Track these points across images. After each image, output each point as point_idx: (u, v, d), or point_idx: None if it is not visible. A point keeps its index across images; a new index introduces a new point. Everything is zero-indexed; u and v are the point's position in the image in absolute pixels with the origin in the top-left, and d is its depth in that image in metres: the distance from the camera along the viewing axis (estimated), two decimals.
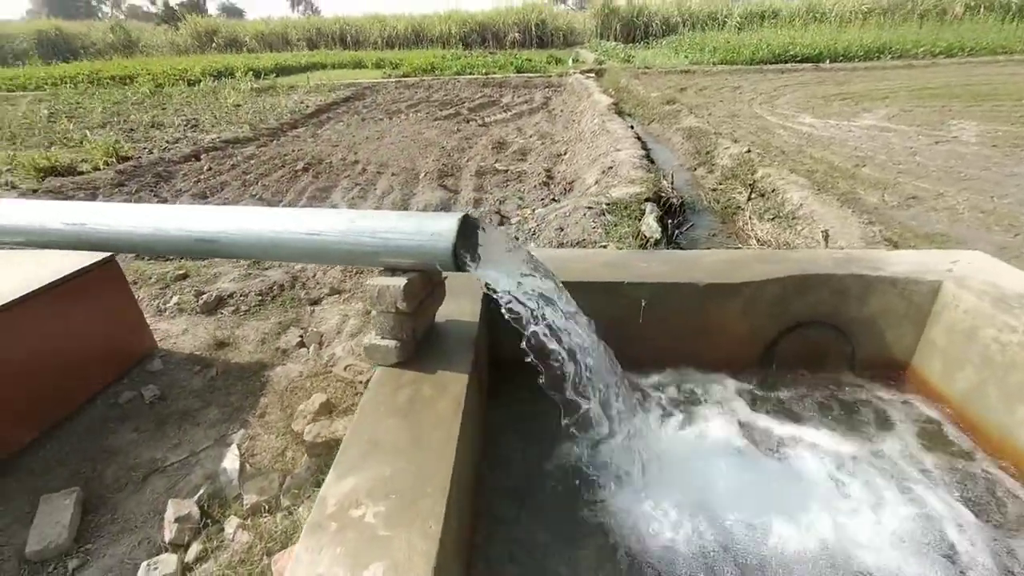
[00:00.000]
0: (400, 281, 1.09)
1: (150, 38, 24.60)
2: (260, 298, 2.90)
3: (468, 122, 8.25)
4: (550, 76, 12.63)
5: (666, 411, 1.63)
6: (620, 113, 7.34)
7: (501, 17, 22.43)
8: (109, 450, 1.90)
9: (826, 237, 2.71)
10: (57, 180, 5.18)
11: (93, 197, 4.84)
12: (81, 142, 6.79)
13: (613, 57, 15.37)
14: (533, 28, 22.17)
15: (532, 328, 1.11)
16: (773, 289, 1.65)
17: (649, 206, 3.38)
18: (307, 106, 9.74)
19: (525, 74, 13.19)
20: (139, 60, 18.84)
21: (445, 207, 4.58)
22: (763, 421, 1.63)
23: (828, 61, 12.98)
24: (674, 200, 3.65)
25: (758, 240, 3.23)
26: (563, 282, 1.47)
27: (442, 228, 1.05)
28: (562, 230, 3.32)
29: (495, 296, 1.11)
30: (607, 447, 1.37)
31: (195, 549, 1.50)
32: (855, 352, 1.73)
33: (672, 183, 4.09)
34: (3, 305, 1.75)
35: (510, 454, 1.55)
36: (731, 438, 1.55)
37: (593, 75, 11.46)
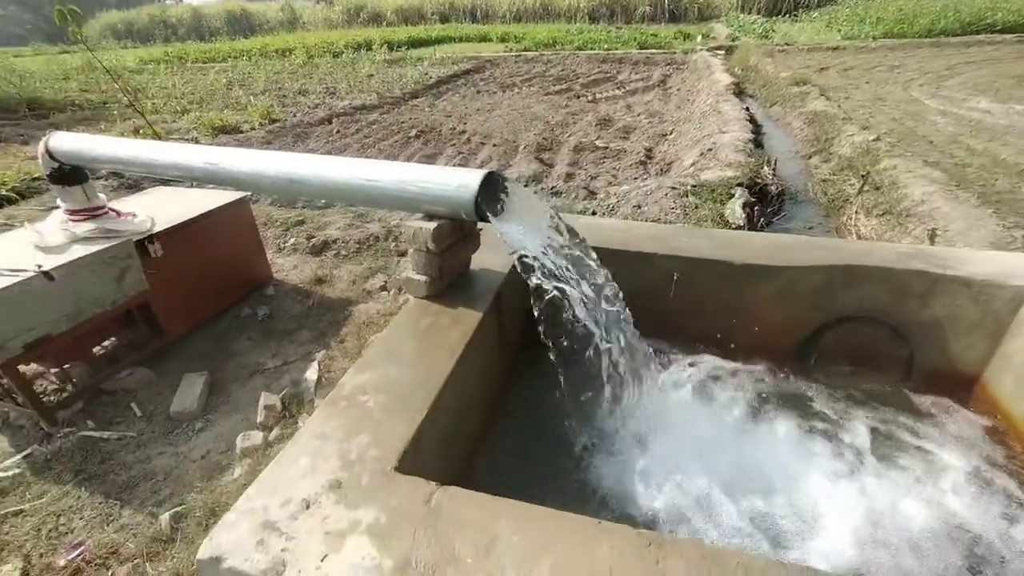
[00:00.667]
0: (431, 225, 1.29)
1: (309, 15, 27.53)
2: (358, 246, 3.33)
3: (578, 98, 8.21)
4: (674, 53, 11.95)
5: (679, 384, 1.65)
6: (741, 94, 6.80)
7: None
8: (230, 351, 2.40)
9: (933, 236, 2.39)
10: (224, 136, 6.25)
11: None
12: (246, 106, 8.01)
13: (750, 32, 14.01)
14: (666, 1, 20.85)
15: (535, 280, 1.23)
16: (815, 277, 1.56)
17: (739, 191, 3.21)
18: (430, 77, 10.36)
19: (648, 50, 12.62)
20: (298, 35, 21.27)
21: (537, 179, 4.73)
22: (784, 412, 1.58)
23: None
24: (771, 187, 3.41)
25: (859, 236, 2.93)
26: (597, 247, 1.56)
27: (468, 181, 1.21)
28: (639, 208, 3.30)
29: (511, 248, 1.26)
30: (614, 399, 1.46)
31: (276, 431, 1.89)
32: (914, 357, 1.58)
33: (774, 170, 3.79)
34: (174, 225, 2.31)
35: (529, 395, 1.70)
36: (738, 424, 1.53)
37: (722, 52, 10.60)
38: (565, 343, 1.32)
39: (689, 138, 5.29)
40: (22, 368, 2.16)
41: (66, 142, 2.01)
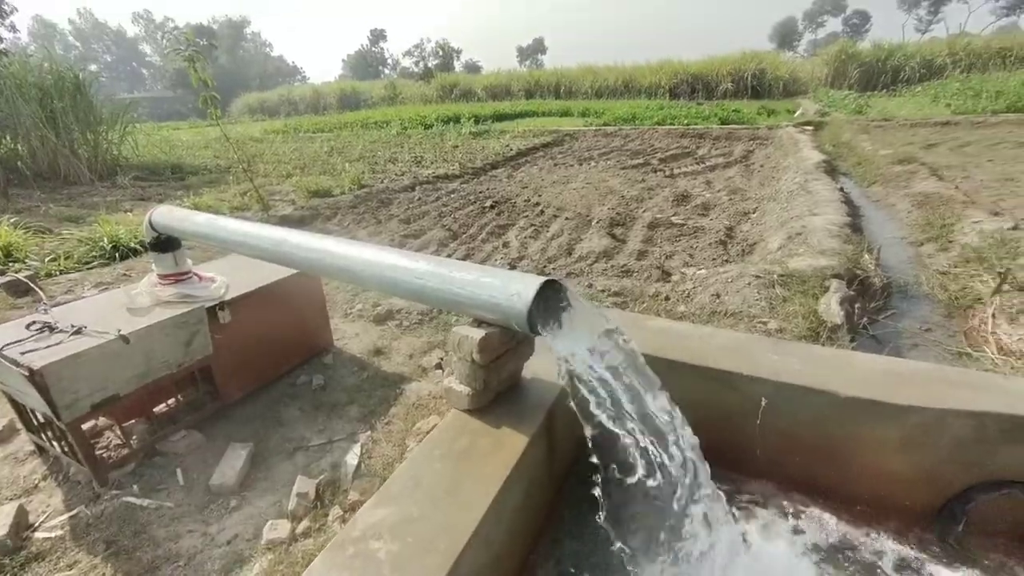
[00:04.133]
0: (478, 334, 1.16)
1: (408, 92, 30.64)
2: (420, 317, 3.31)
3: (655, 172, 8.14)
4: (757, 128, 11.68)
5: (762, 549, 1.30)
6: (832, 172, 6.37)
7: (715, 67, 21.70)
8: (279, 420, 2.37)
9: None
10: (317, 200, 6.79)
11: (335, 215, 6.20)
12: (340, 172, 8.76)
13: (841, 108, 13.45)
14: (749, 78, 20.82)
15: (594, 409, 1.04)
16: (959, 425, 1.21)
17: (835, 283, 2.84)
18: (511, 149, 10.84)
19: (730, 126, 12.46)
20: (395, 109, 23.58)
21: (608, 255, 4.58)
22: None
23: None
24: (874, 279, 3.00)
25: (1000, 348, 2.43)
26: (669, 360, 1.35)
27: (521, 290, 1.08)
28: (718, 297, 3.02)
29: (567, 367, 1.09)
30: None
31: (304, 524, 1.77)
32: None
33: (878, 259, 3.36)
34: (245, 293, 2.40)
35: (576, 543, 1.43)
36: None
37: (810, 128, 10.18)
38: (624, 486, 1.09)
39: (775, 218, 4.94)
40: (89, 424, 2.25)
41: (163, 216, 2.18)
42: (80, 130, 8.79)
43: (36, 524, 1.85)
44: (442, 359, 2.80)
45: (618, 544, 1.14)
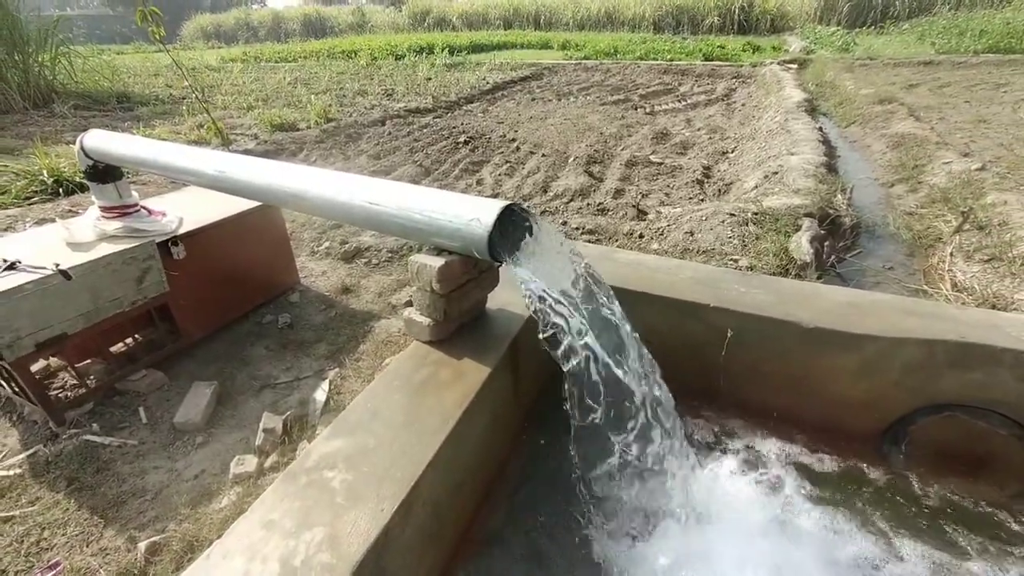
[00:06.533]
0: (438, 262, 1.10)
1: (378, 19, 28.40)
2: (390, 255, 3.22)
3: (635, 109, 7.90)
4: (741, 65, 11.32)
5: (724, 472, 1.36)
6: (813, 112, 6.27)
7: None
8: (244, 360, 2.32)
9: None
10: (281, 134, 6.39)
11: (301, 150, 5.86)
12: (306, 105, 8.21)
13: (828, 45, 13.08)
14: (736, 11, 19.92)
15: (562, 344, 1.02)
16: (911, 352, 1.24)
17: (807, 222, 2.85)
18: (487, 83, 10.31)
19: (713, 62, 12.04)
20: (364, 38, 21.96)
21: (585, 194, 4.49)
22: (861, 526, 1.26)
23: None
24: (845, 219, 3.02)
25: (954, 285, 2.50)
26: (637, 292, 1.33)
27: (481, 214, 1.01)
28: (692, 235, 3.00)
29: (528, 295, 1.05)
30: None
31: (272, 458, 1.76)
32: None
33: (850, 199, 3.38)
34: (199, 228, 2.26)
35: (544, 469, 1.46)
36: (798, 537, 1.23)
37: (794, 66, 9.91)
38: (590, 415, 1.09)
39: (752, 158, 4.89)
40: (45, 362, 2.16)
41: (97, 140, 1.98)
42: (7, 50, 7.88)
43: None
44: (412, 296, 2.75)
45: (579, 467, 1.16)
